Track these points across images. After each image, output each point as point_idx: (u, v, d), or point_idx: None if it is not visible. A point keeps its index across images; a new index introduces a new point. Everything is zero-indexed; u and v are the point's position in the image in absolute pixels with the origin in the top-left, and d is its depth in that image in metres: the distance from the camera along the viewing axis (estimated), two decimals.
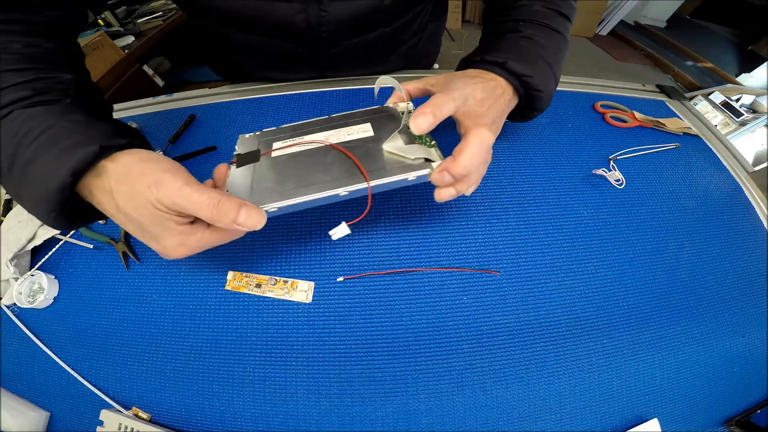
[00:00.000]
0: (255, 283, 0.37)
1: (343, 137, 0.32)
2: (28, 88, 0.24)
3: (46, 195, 0.21)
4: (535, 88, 0.35)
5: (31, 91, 0.24)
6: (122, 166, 0.22)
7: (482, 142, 0.27)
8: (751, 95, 1.42)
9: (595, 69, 2.42)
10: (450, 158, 0.27)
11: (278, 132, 0.34)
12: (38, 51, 0.26)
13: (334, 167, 0.29)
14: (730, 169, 0.50)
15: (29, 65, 0.25)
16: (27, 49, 0.26)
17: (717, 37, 2.72)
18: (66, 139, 0.22)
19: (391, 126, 0.32)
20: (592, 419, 0.33)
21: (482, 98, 0.32)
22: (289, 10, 0.43)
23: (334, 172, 0.29)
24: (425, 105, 0.27)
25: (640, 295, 0.38)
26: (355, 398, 0.32)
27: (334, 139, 0.31)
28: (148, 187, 0.21)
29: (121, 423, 0.31)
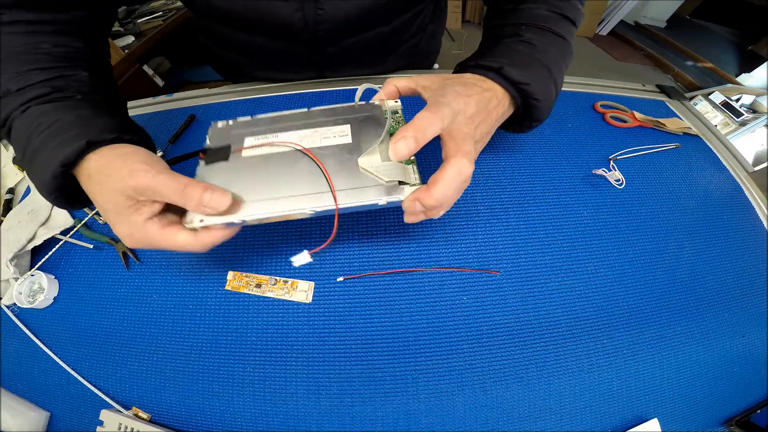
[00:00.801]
0: (255, 283, 0.37)
1: (318, 141, 0.30)
2: (48, 86, 0.26)
3: (46, 181, 0.25)
4: (533, 97, 0.32)
5: (50, 88, 0.26)
6: (103, 158, 0.25)
7: (460, 173, 0.26)
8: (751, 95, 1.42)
9: (595, 69, 2.41)
10: (424, 188, 0.26)
11: (253, 124, 0.32)
12: (63, 50, 0.29)
13: (305, 179, 0.28)
14: (730, 169, 0.50)
15: (54, 64, 0.28)
16: (54, 48, 0.28)
17: (717, 37, 2.72)
18: (64, 134, 0.25)
19: (371, 132, 0.30)
20: (592, 419, 0.33)
21: (473, 114, 0.29)
22: (286, 9, 0.43)
23: (303, 186, 0.27)
24: (408, 126, 0.25)
25: (640, 295, 0.38)
26: (355, 398, 0.32)
27: (309, 142, 0.30)
28: (122, 178, 0.23)
29: (121, 423, 0.31)
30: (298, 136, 0.30)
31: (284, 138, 0.30)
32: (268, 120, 0.32)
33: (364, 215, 0.41)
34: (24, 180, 0.47)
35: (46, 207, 0.42)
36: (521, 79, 0.32)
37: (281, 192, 0.27)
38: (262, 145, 0.30)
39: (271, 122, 0.32)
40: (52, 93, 0.26)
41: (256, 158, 0.29)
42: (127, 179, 0.23)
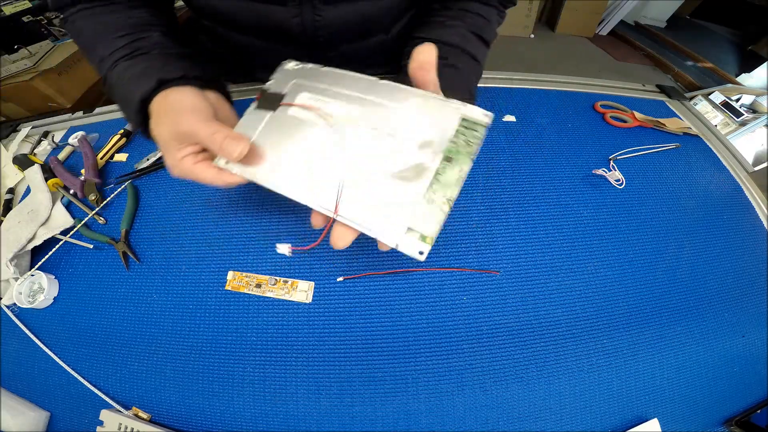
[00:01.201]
0: (255, 283, 0.37)
1: (365, 134, 0.25)
2: (129, 47, 0.33)
3: (133, 107, 0.30)
4: None
5: (131, 48, 0.33)
6: (165, 100, 0.29)
7: None
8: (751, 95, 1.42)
9: (595, 69, 2.41)
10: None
11: (315, 76, 0.29)
12: (137, 20, 0.35)
13: (327, 166, 0.25)
14: (730, 169, 0.50)
15: (132, 30, 0.34)
16: (129, 19, 0.35)
17: (717, 37, 2.72)
18: (142, 76, 0.30)
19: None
20: (592, 419, 0.33)
21: None
22: (284, 13, 0.43)
23: (322, 174, 0.25)
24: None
25: (640, 295, 0.38)
26: (355, 398, 0.32)
27: (354, 129, 0.25)
28: (171, 122, 0.28)
29: (121, 423, 0.31)
30: (349, 112, 0.26)
31: (333, 109, 0.27)
32: (332, 78, 0.28)
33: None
34: (24, 180, 0.47)
35: (46, 207, 0.42)
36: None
37: (299, 169, 0.25)
38: (309, 108, 0.27)
39: (333, 82, 0.28)
40: (133, 52, 0.32)
41: (297, 120, 0.27)
42: (174, 124, 0.28)
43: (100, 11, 0.35)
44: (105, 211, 0.43)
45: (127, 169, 0.46)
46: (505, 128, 0.50)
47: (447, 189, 0.23)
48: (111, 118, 0.55)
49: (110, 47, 0.33)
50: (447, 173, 0.23)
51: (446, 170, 0.23)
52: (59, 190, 0.45)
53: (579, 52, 2.59)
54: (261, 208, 0.42)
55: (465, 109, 0.24)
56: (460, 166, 0.23)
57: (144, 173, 0.46)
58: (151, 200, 0.43)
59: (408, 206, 0.22)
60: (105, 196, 0.43)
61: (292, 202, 0.24)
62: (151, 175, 0.46)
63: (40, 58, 1.17)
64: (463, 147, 0.23)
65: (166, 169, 0.46)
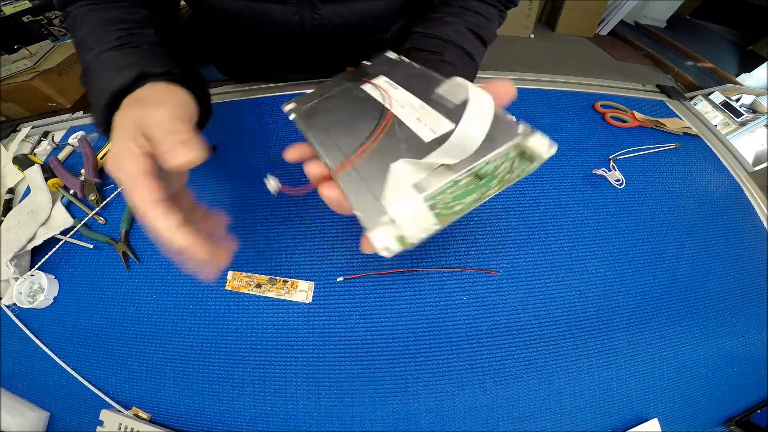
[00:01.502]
0: (255, 283, 0.37)
1: (411, 120, 0.23)
2: (119, 40, 0.32)
3: (105, 98, 0.28)
4: None
5: (121, 41, 0.32)
6: (154, 86, 0.27)
7: None
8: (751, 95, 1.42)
9: (595, 69, 2.41)
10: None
11: (406, 69, 0.29)
12: (135, 16, 0.34)
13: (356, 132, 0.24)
14: (730, 169, 0.50)
15: (126, 25, 0.33)
16: (129, 15, 0.34)
17: (717, 37, 2.72)
18: (123, 67, 0.29)
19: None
20: (592, 419, 0.33)
21: None
22: (284, 12, 0.43)
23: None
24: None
25: (640, 295, 0.38)
26: (355, 398, 0.32)
27: (403, 112, 0.24)
28: (148, 108, 0.25)
29: (121, 423, 0.31)
30: (409, 100, 0.25)
31: (398, 95, 0.25)
32: (415, 73, 0.28)
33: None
34: (24, 180, 0.47)
35: (46, 207, 0.42)
36: None
37: (337, 126, 0.25)
38: (379, 87, 0.27)
39: (414, 76, 0.27)
40: (122, 45, 0.31)
41: (364, 93, 0.27)
42: (147, 112, 0.24)
43: (101, 7, 0.35)
44: (105, 211, 0.43)
45: None
46: None
47: (456, 205, 0.20)
48: None
49: (102, 39, 0.32)
50: (466, 191, 0.20)
51: (467, 187, 0.20)
52: (59, 190, 0.45)
53: (579, 52, 2.59)
54: (261, 208, 0.42)
55: (531, 136, 0.20)
56: (485, 190, 0.20)
57: None
58: None
59: (405, 199, 0.20)
60: (105, 196, 0.43)
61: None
62: None
63: (40, 58, 1.17)
64: (503, 173, 0.20)
65: None
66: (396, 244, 0.19)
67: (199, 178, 0.45)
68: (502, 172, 0.20)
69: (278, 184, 0.24)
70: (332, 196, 0.22)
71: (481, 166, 0.20)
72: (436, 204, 0.20)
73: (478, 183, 0.20)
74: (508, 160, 0.20)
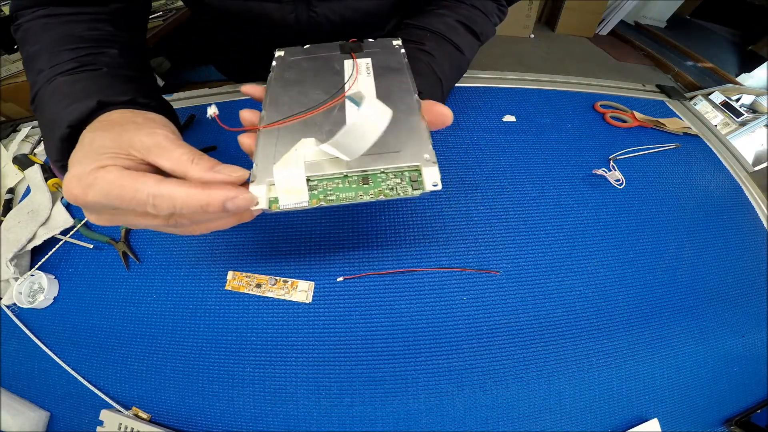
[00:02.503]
0: (255, 283, 0.37)
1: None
2: (75, 62, 0.28)
3: (59, 131, 0.24)
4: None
5: (77, 63, 0.28)
6: (110, 115, 0.24)
7: None
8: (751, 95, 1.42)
9: (595, 69, 2.41)
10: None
11: (393, 54, 0.30)
12: (97, 34, 0.30)
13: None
14: (730, 169, 0.50)
15: (85, 44, 0.29)
16: (87, 32, 0.30)
17: (717, 37, 2.72)
18: (79, 96, 0.25)
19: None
20: (592, 419, 0.33)
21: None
22: (279, 10, 0.43)
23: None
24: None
25: (640, 295, 0.38)
26: (355, 398, 0.32)
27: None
28: (128, 131, 0.21)
29: (121, 423, 0.31)
30: (368, 85, 0.27)
31: (363, 83, 0.27)
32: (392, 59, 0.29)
33: (364, 215, 0.41)
34: (24, 180, 0.47)
35: (46, 207, 0.42)
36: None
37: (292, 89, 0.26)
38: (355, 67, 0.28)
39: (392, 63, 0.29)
40: (79, 67, 0.27)
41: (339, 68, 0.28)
42: (127, 134, 0.21)
43: (57, 21, 0.30)
44: None
45: None
46: (505, 128, 0.50)
47: (332, 195, 0.21)
48: None
49: (54, 59, 0.28)
50: (348, 187, 0.21)
51: (351, 185, 0.21)
52: (59, 190, 0.45)
53: (579, 52, 2.59)
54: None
55: (430, 166, 0.21)
56: (361, 194, 0.21)
57: None
58: None
59: (290, 171, 0.21)
60: None
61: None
62: None
63: None
64: (386, 187, 0.21)
65: None
66: (267, 203, 0.21)
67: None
68: (386, 186, 0.22)
69: (215, 112, 0.25)
70: (245, 145, 0.24)
71: (375, 172, 0.21)
72: (317, 186, 0.21)
73: (360, 185, 0.22)
74: (398, 177, 0.22)
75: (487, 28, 0.42)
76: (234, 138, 0.52)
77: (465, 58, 0.41)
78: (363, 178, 0.22)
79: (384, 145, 0.21)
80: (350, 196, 0.21)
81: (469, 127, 0.50)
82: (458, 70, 0.41)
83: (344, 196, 0.21)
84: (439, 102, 0.28)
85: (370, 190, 0.21)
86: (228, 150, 0.47)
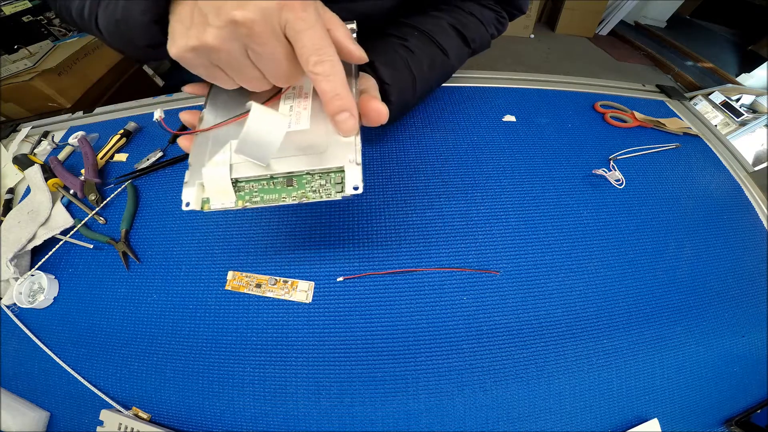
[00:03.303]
0: (255, 283, 0.37)
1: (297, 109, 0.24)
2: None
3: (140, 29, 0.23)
4: (388, 98, 0.35)
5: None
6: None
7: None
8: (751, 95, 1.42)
9: (595, 69, 2.41)
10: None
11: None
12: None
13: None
14: (730, 169, 0.50)
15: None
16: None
17: (717, 37, 2.72)
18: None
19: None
20: (592, 419, 0.33)
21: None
22: None
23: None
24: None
25: (640, 295, 0.38)
26: (355, 398, 0.32)
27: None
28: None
29: (121, 423, 0.31)
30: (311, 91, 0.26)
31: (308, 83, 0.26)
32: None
33: (364, 215, 0.41)
34: (24, 180, 0.47)
35: (46, 207, 0.42)
36: (385, 78, 0.35)
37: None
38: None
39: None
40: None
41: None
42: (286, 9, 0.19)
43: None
44: (105, 211, 0.43)
45: (127, 169, 0.46)
46: (505, 128, 0.50)
47: (258, 196, 0.22)
48: (111, 118, 0.55)
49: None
50: (273, 189, 0.22)
51: (276, 186, 0.22)
52: (59, 190, 0.45)
53: (579, 52, 2.59)
54: (261, 208, 0.42)
55: (353, 168, 0.21)
56: (284, 196, 0.22)
57: (144, 173, 0.46)
58: (151, 200, 0.43)
59: (217, 173, 0.21)
60: (105, 196, 0.43)
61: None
62: (151, 175, 0.46)
63: (40, 58, 1.17)
64: (310, 189, 0.22)
65: (166, 169, 0.46)
66: (199, 204, 0.21)
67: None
68: (309, 188, 0.22)
69: (161, 116, 0.25)
70: (184, 147, 0.24)
71: (300, 174, 0.22)
72: (244, 188, 0.22)
73: (284, 187, 0.22)
74: (323, 179, 0.22)
75: (477, 34, 0.43)
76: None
77: (449, 62, 0.41)
78: (287, 179, 0.22)
79: (311, 146, 0.22)
80: (273, 198, 0.22)
81: (469, 127, 0.50)
82: (440, 72, 0.42)
83: (268, 197, 0.22)
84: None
85: (293, 192, 0.22)
86: None
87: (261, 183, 0.22)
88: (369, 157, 0.46)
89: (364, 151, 0.49)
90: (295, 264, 0.38)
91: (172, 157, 0.47)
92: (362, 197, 0.42)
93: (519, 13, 0.46)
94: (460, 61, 0.44)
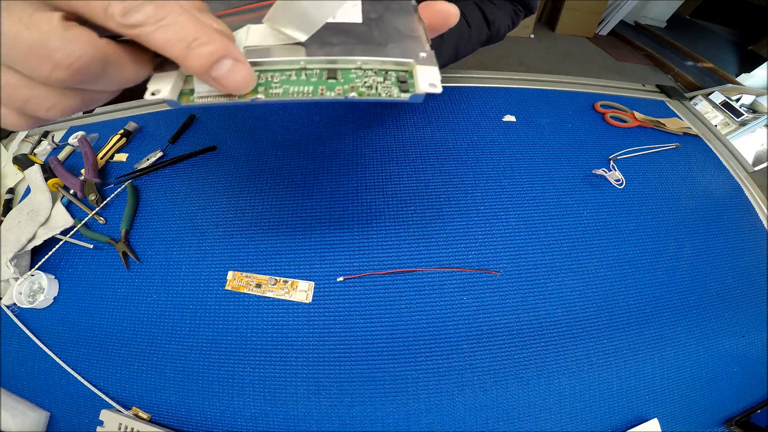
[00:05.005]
0: (255, 283, 0.37)
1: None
2: None
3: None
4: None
5: None
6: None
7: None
8: (751, 95, 1.42)
9: (595, 69, 2.41)
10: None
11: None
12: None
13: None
14: (730, 169, 0.50)
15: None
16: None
17: (717, 37, 2.72)
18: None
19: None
20: (592, 419, 0.33)
21: None
22: None
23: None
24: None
25: (640, 295, 0.38)
26: (355, 398, 0.32)
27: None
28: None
29: (121, 423, 0.31)
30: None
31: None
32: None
33: (364, 214, 0.41)
34: (24, 180, 0.47)
35: (46, 207, 0.42)
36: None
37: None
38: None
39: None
40: None
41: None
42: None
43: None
44: (105, 211, 0.43)
45: (127, 169, 0.46)
46: (505, 128, 0.50)
47: (278, 88, 0.16)
48: (111, 118, 0.55)
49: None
50: (305, 81, 0.16)
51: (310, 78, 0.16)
52: (59, 190, 0.45)
53: (579, 52, 2.59)
54: (261, 208, 0.42)
55: (426, 65, 0.16)
56: (324, 89, 0.16)
57: (144, 173, 0.46)
58: (151, 200, 0.43)
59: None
60: (105, 196, 0.43)
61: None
62: (151, 175, 0.46)
63: None
64: (363, 84, 0.16)
65: (166, 169, 0.46)
66: (176, 93, 0.16)
67: (198, 180, 0.45)
68: (363, 83, 0.16)
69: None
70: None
71: (347, 67, 0.16)
72: (259, 77, 0.16)
73: (323, 79, 0.16)
74: (381, 76, 0.16)
75: (496, 17, 0.43)
76: (235, 137, 0.52)
77: (470, 32, 0.41)
78: (328, 71, 0.16)
79: (364, 37, 0.16)
80: (305, 91, 0.16)
81: (469, 127, 0.50)
82: (466, 46, 0.42)
83: (296, 90, 0.16)
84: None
85: (336, 85, 0.16)
86: (228, 150, 0.47)
87: (286, 74, 0.16)
88: (369, 157, 0.46)
89: (364, 150, 0.49)
90: (295, 264, 0.38)
91: (172, 157, 0.47)
92: (362, 197, 0.42)
93: (529, 13, 0.46)
94: (478, 41, 0.43)
